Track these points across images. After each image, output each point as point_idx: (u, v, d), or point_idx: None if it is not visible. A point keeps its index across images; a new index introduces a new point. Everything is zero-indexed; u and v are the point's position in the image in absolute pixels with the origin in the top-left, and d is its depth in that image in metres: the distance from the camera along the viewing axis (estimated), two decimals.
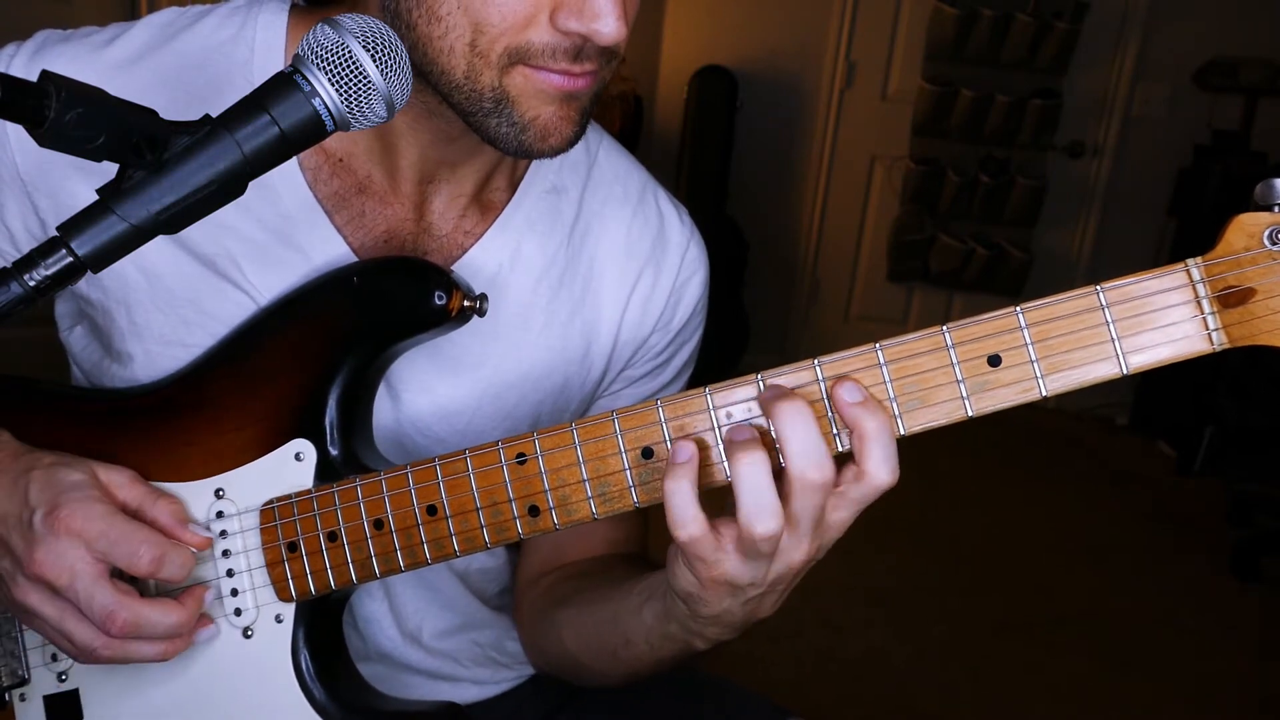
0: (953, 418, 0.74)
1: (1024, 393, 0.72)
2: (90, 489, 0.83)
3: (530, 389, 1.02)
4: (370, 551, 0.86)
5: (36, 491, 0.82)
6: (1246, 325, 0.69)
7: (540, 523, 0.81)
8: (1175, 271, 0.71)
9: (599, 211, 1.05)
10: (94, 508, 0.81)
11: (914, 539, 3.68)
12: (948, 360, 0.73)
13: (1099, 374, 0.72)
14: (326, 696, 0.89)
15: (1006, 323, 0.72)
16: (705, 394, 0.76)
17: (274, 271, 0.93)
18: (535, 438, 0.80)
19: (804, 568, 0.77)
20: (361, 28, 0.69)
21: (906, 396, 0.74)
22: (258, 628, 0.90)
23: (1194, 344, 0.70)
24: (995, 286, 4.92)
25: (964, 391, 0.73)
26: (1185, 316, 0.70)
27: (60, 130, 0.63)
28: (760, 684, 1.17)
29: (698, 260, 1.10)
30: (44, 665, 0.94)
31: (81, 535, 0.80)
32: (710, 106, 4.81)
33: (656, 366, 1.10)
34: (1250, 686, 3.07)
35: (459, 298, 0.88)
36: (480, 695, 1.14)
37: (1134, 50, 4.68)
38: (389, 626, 1.07)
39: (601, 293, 1.05)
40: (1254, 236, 0.69)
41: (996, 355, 0.72)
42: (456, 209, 0.98)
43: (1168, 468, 4.46)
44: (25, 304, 0.64)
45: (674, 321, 1.09)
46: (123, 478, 0.87)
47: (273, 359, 0.91)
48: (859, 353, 0.74)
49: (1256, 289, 0.69)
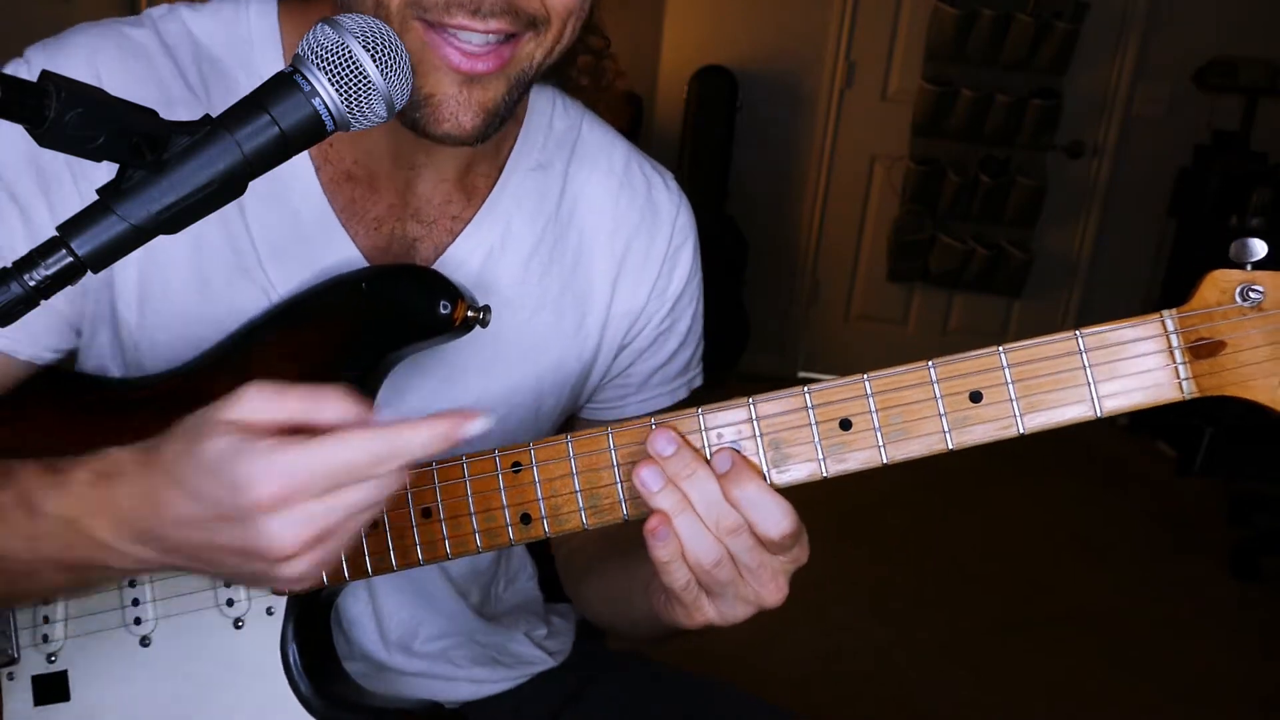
0: (933, 450, 0.77)
1: (1003, 429, 0.76)
2: (243, 443, 0.66)
3: (529, 368, 1.03)
4: (364, 550, 0.87)
5: (198, 485, 0.67)
6: (1216, 376, 0.74)
7: (531, 530, 0.83)
8: (1151, 322, 0.75)
9: (585, 184, 1.06)
10: (274, 462, 0.65)
11: (914, 539, 3.68)
12: (932, 394, 0.76)
13: (1074, 415, 0.75)
14: (312, 690, 0.91)
15: (989, 361, 0.76)
16: (698, 415, 0.79)
17: (287, 265, 0.94)
18: (531, 448, 0.83)
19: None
20: (361, 28, 0.69)
21: (891, 427, 0.77)
22: (249, 619, 0.91)
23: (1165, 391, 0.74)
24: (995, 286, 4.92)
25: (946, 425, 0.76)
26: (1158, 365, 0.74)
27: (60, 130, 0.63)
28: (760, 684, 1.17)
29: (689, 226, 1.11)
30: (33, 646, 0.94)
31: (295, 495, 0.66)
32: (710, 106, 4.81)
33: (660, 334, 1.11)
34: (1250, 686, 3.07)
35: (463, 308, 0.90)
36: (477, 694, 1.14)
37: (1134, 50, 4.68)
38: (372, 630, 1.07)
39: (592, 265, 1.05)
40: (1226, 292, 0.74)
41: (978, 392, 0.76)
42: (441, 194, 0.98)
43: (1168, 468, 4.46)
44: (25, 304, 0.64)
45: (670, 288, 1.09)
46: (260, 399, 0.67)
47: (277, 358, 0.92)
48: (847, 382, 0.77)
49: (1226, 342, 0.74)
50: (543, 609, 1.25)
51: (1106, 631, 3.26)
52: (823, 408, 0.77)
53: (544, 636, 1.21)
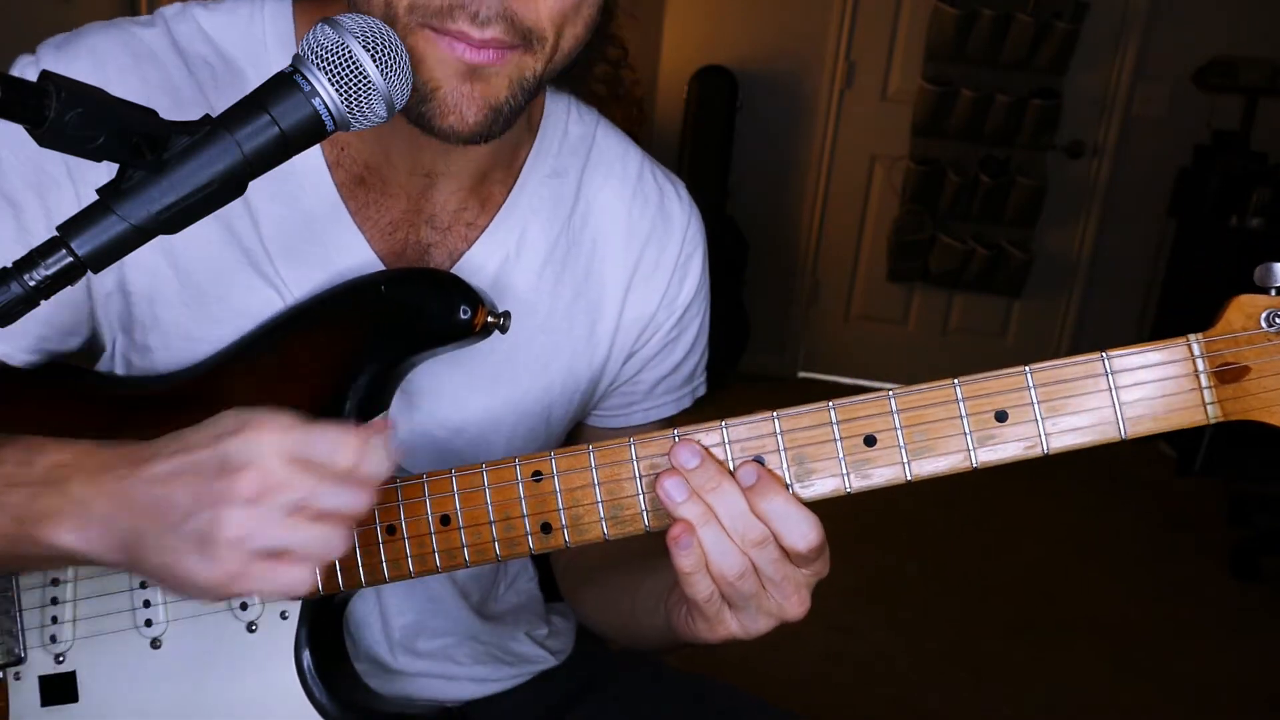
0: (958, 468, 0.77)
1: (1029, 449, 0.76)
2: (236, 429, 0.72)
3: (542, 375, 1.03)
4: (382, 557, 0.86)
5: (185, 490, 0.72)
6: (1240, 401, 0.75)
7: (552, 540, 0.83)
8: (1177, 345, 0.75)
9: (599, 191, 1.06)
10: (261, 451, 0.70)
11: (915, 540, 3.68)
12: (957, 413, 0.76)
13: (1099, 436, 0.76)
14: (326, 695, 0.90)
15: (1015, 380, 0.76)
16: (721, 427, 0.79)
17: (301, 266, 0.94)
18: (552, 457, 0.83)
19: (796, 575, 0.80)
20: (361, 28, 0.69)
21: (916, 445, 0.77)
22: (262, 622, 0.90)
23: (1191, 415, 0.75)
24: (995, 286, 4.92)
25: (971, 444, 0.77)
26: (1184, 389, 0.75)
27: (60, 130, 0.63)
28: (762, 685, 1.17)
29: (699, 236, 1.11)
30: (41, 646, 0.93)
31: (272, 491, 0.70)
32: (710, 106, 4.81)
33: (668, 343, 1.11)
34: (1250, 686, 3.07)
35: (483, 314, 0.90)
36: (479, 693, 1.14)
37: (1134, 50, 4.68)
38: (377, 631, 1.07)
39: (605, 272, 1.05)
40: (1252, 317, 0.74)
41: (1004, 411, 0.76)
42: (456, 200, 0.98)
43: (1168, 468, 4.46)
44: (25, 304, 0.64)
45: (680, 298, 1.09)
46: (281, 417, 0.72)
47: (293, 359, 0.92)
48: (872, 399, 0.78)
49: (1251, 367, 0.74)
50: (543, 609, 1.25)
51: (1106, 631, 3.26)
52: (847, 423, 0.78)
53: (545, 636, 1.21)
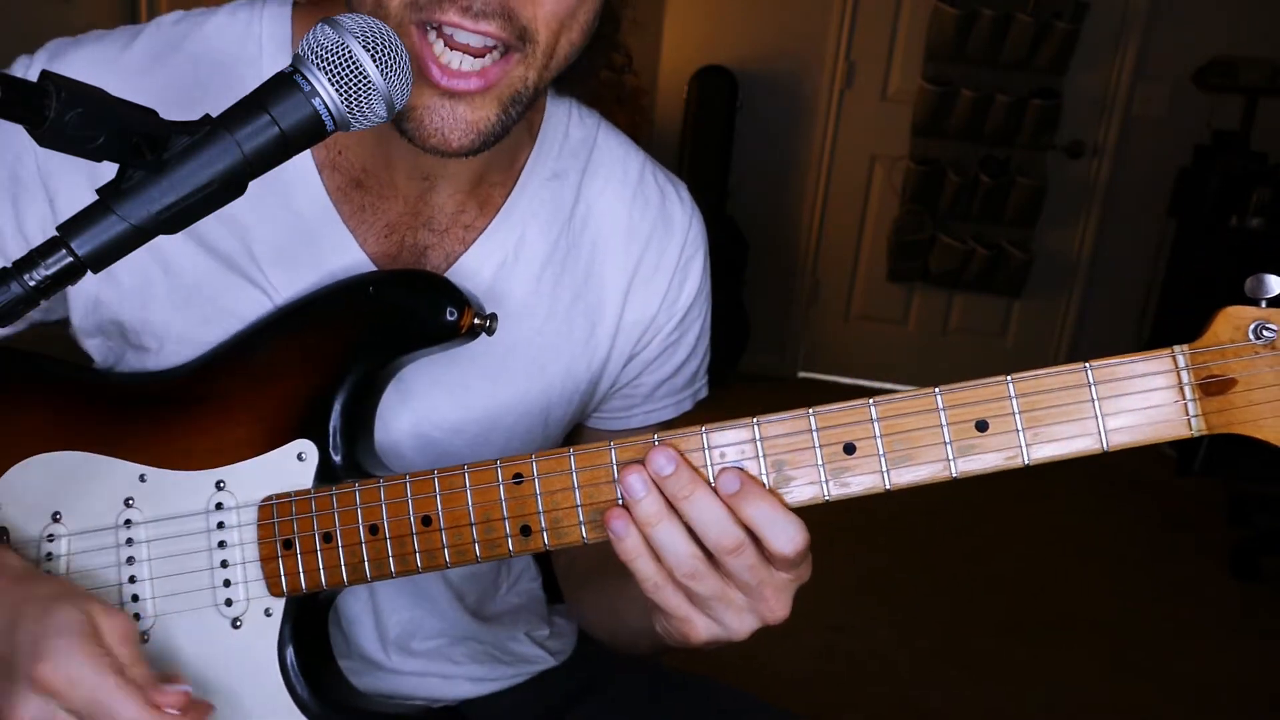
0: (937, 477, 0.76)
1: (1009, 460, 0.75)
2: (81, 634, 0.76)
3: (540, 377, 1.03)
4: (363, 556, 0.87)
5: (25, 630, 0.77)
6: (1225, 414, 0.73)
7: (531, 543, 0.82)
8: (1161, 356, 0.74)
9: (599, 194, 1.05)
10: (80, 662, 0.74)
11: (914, 540, 3.68)
12: (938, 421, 0.75)
13: (1080, 447, 0.74)
14: (309, 692, 0.90)
15: (997, 390, 0.75)
16: (701, 433, 0.78)
17: (290, 268, 0.94)
18: (533, 460, 0.82)
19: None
20: (361, 28, 0.69)
21: (896, 454, 0.76)
22: (246, 619, 0.90)
23: (1174, 428, 0.74)
24: (995, 286, 4.92)
25: (950, 454, 0.75)
26: (1168, 400, 0.73)
27: (60, 130, 0.63)
28: (761, 685, 1.17)
29: (700, 239, 1.11)
30: None
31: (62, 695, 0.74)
32: (710, 106, 4.82)
33: (669, 346, 1.11)
34: (1250, 686, 3.07)
35: (470, 315, 0.90)
36: (477, 692, 1.14)
37: (1134, 50, 4.68)
38: (370, 629, 1.07)
39: (604, 275, 1.05)
40: (1239, 329, 0.73)
41: (984, 420, 0.75)
42: (455, 203, 0.98)
43: (1168, 468, 4.46)
44: (25, 304, 0.64)
45: (680, 300, 1.09)
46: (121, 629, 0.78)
47: (283, 359, 0.92)
48: (852, 406, 0.77)
49: (1237, 380, 0.73)
50: (545, 610, 1.25)
51: (1106, 631, 3.26)
52: (827, 431, 0.77)
53: (546, 636, 1.21)
